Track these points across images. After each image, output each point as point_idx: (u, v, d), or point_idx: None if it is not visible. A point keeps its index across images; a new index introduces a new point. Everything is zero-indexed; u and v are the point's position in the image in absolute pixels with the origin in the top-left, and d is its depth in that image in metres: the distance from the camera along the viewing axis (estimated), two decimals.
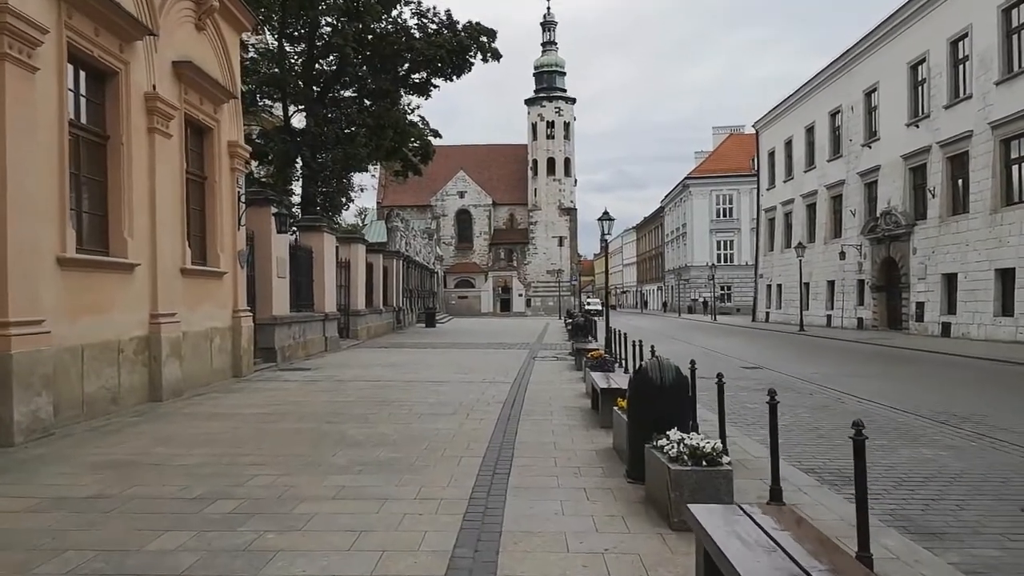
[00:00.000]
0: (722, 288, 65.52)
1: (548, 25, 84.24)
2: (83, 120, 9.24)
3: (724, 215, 69.65)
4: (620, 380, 9.13)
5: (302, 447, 7.21)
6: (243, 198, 13.63)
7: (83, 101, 9.29)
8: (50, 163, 8.14)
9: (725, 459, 4.79)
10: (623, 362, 13.60)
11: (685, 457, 4.81)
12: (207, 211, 12.75)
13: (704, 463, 4.74)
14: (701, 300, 67.69)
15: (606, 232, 20.21)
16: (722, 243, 69.76)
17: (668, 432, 5.22)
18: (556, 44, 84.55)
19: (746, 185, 67.16)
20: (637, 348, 12.10)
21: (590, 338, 21.22)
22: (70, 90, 8.73)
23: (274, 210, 14.30)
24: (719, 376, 6.53)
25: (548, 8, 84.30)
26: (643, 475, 5.61)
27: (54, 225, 8.19)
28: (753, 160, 63.69)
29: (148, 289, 10.28)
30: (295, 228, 20.88)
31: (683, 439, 5.01)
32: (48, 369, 7.81)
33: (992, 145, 23.13)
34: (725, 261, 68.03)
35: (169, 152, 10.90)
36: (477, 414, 9.34)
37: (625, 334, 14.63)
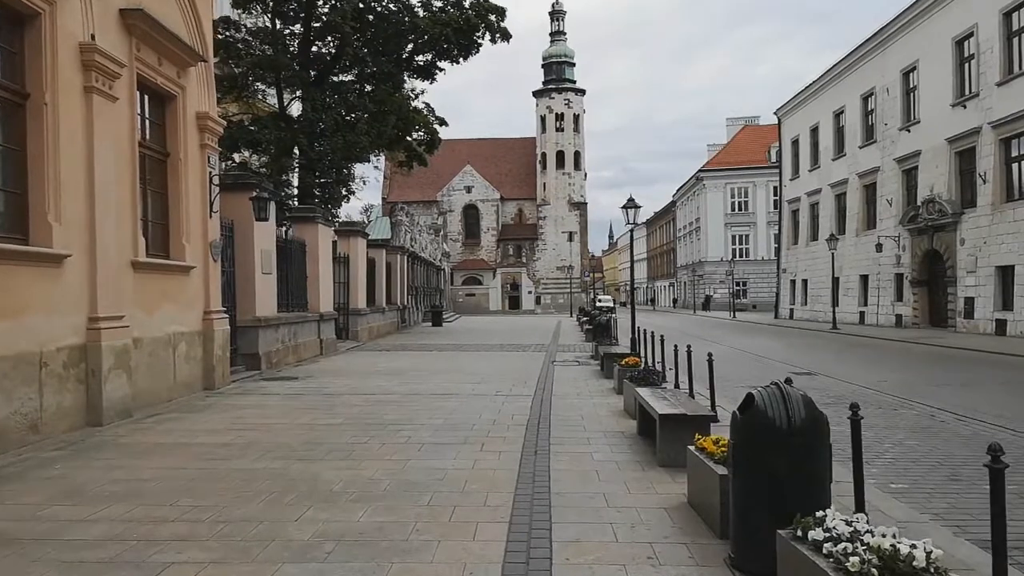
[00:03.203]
0: (737, 284, 63.16)
1: (556, 15, 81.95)
2: None
3: (739, 208, 67.37)
4: (681, 402, 7.08)
5: (255, 503, 5.19)
6: (216, 180, 11.63)
7: None
8: None
9: None
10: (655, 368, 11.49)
11: (874, 572, 2.76)
12: (170, 194, 10.73)
13: None
14: (711, 295, 65.46)
15: (631, 221, 18.10)
16: (737, 237, 67.51)
17: (823, 515, 3.19)
18: (565, 34, 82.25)
19: (762, 178, 65.00)
20: (684, 354, 10.08)
21: (612, 339, 19.24)
22: None
23: (253, 193, 12.27)
24: (853, 409, 4.47)
25: None
26: (768, 569, 3.57)
27: None
28: (770, 152, 61.47)
29: (85, 287, 8.28)
30: (287, 220, 18.91)
31: (856, 531, 2.97)
32: None
33: None
34: (740, 256, 65.73)
35: (114, 119, 8.88)
36: (494, 443, 7.31)
37: (663, 336, 12.57)
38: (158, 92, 10.38)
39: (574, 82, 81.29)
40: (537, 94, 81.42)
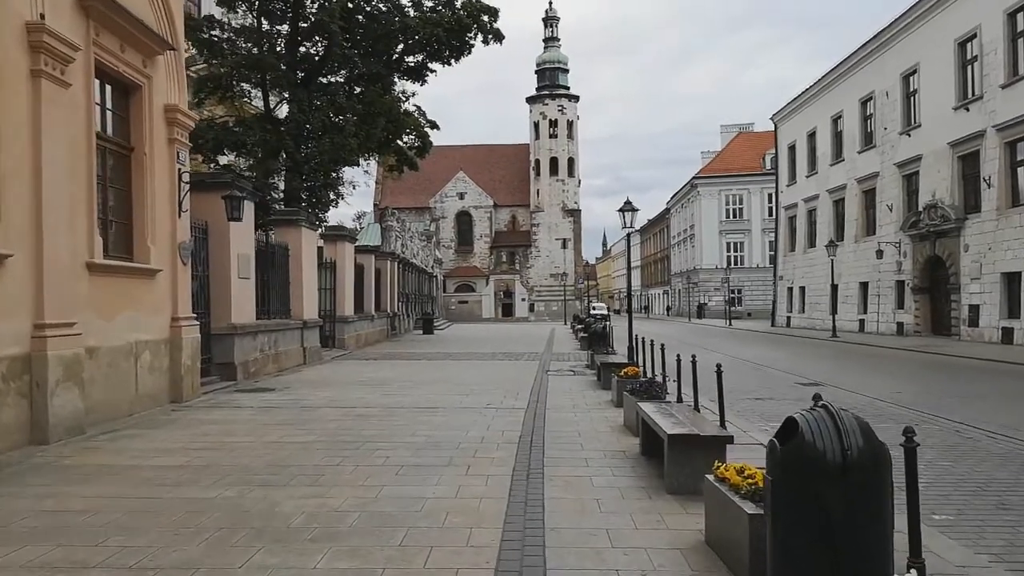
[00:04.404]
0: (732, 291, 62.56)
1: (550, 21, 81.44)
2: None
3: (734, 216, 66.87)
4: (690, 419, 6.33)
5: (196, 544, 4.40)
6: (185, 177, 10.84)
7: None
8: None
9: None
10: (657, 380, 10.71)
11: None
12: (134, 192, 9.95)
13: None
14: (705, 303, 64.90)
15: (627, 224, 17.41)
16: (732, 245, 67.00)
17: None
18: (558, 40, 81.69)
19: (756, 185, 64.64)
20: (684, 364, 9.32)
21: (609, 348, 18.50)
22: None
23: (227, 192, 11.47)
24: (907, 435, 3.71)
25: (550, 3, 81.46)
26: None
27: None
28: (765, 158, 61.09)
29: (29, 290, 7.49)
30: (271, 223, 18.12)
31: None
32: None
33: None
34: (735, 263, 65.18)
35: (67, 107, 8.11)
36: (481, 465, 6.55)
37: (663, 345, 11.83)
38: (121, 81, 9.61)
39: (568, 88, 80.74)
40: (531, 100, 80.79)
